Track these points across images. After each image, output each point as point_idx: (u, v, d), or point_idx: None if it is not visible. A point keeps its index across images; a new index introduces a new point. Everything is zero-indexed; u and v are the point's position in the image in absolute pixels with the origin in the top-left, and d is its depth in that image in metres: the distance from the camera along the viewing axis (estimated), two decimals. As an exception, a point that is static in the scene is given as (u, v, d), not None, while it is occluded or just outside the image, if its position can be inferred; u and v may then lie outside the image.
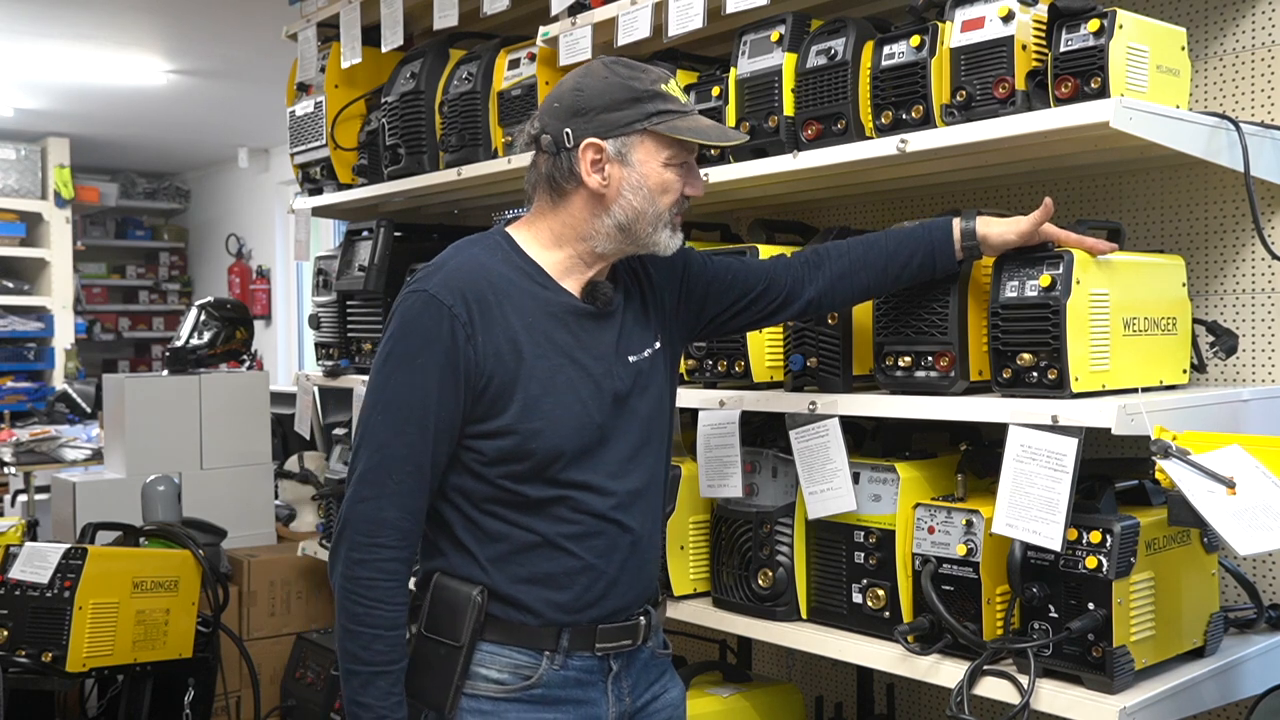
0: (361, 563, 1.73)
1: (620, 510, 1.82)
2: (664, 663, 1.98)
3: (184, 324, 4.69)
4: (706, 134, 1.83)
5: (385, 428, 1.75)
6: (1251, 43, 2.18)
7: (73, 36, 6.17)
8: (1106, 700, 1.76)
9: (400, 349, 1.76)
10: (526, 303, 1.79)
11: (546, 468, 1.77)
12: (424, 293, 1.76)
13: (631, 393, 1.85)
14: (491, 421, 1.75)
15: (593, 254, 1.84)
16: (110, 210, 10.40)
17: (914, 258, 1.99)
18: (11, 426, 6.58)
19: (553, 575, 1.79)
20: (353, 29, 3.37)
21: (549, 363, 1.78)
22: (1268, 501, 1.59)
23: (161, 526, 3.30)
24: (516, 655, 1.79)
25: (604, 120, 1.77)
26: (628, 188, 1.79)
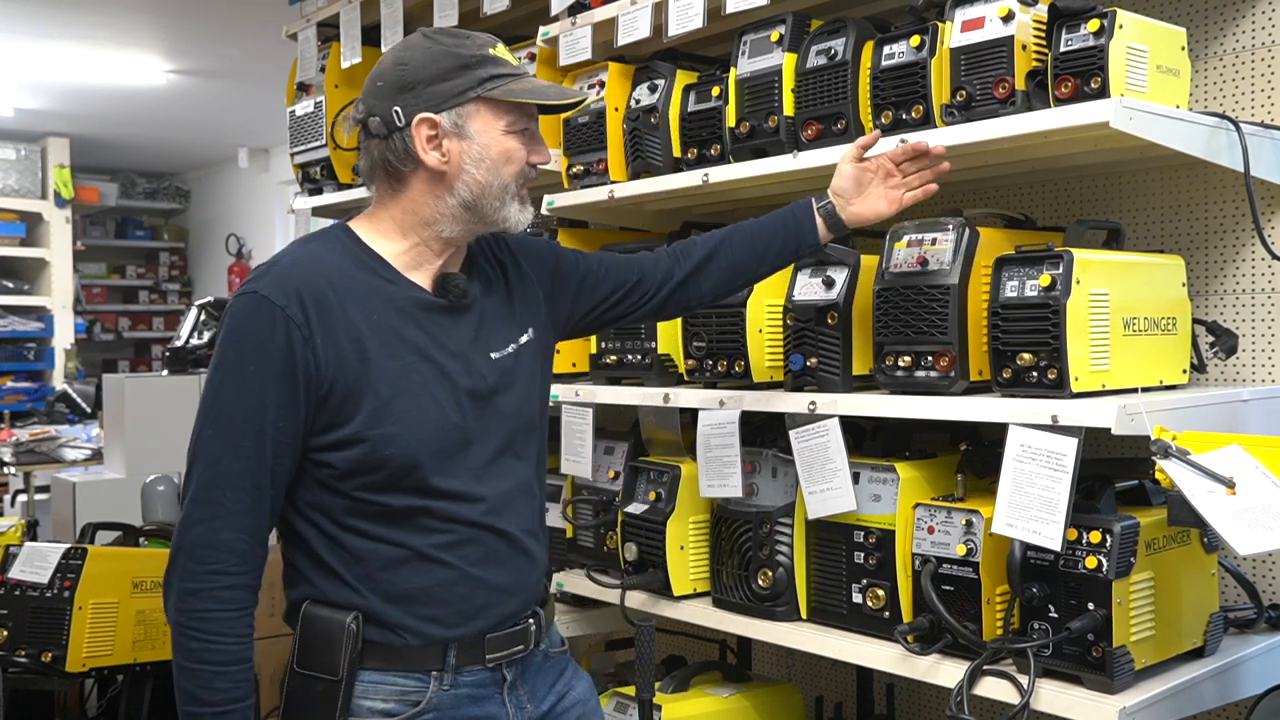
0: (196, 593, 1.58)
1: (493, 515, 1.71)
2: (562, 661, 1.88)
3: (184, 324, 4.69)
4: (545, 94, 1.73)
5: (217, 442, 1.60)
6: (1251, 43, 2.19)
7: (73, 36, 6.17)
8: (1106, 700, 1.76)
9: (230, 357, 1.62)
10: (371, 298, 1.67)
11: (405, 476, 1.64)
12: (254, 294, 1.62)
13: (496, 390, 1.74)
14: (339, 430, 1.62)
15: (440, 240, 1.73)
16: (110, 210, 10.40)
17: (777, 232, 2.01)
18: (11, 426, 6.58)
19: (427, 590, 1.67)
20: (353, 29, 3.37)
21: (400, 362, 1.65)
22: (1268, 501, 1.59)
23: (161, 526, 3.30)
24: (401, 680, 1.67)
25: (434, 92, 1.66)
26: (469, 161, 1.68)
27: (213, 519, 1.60)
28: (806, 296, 2.19)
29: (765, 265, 2.05)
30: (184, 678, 1.60)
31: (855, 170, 1.99)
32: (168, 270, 10.85)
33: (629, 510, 2.46)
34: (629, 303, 2.01)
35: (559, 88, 1.80)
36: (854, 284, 2.14)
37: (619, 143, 2.63)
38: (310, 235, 1.77)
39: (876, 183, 2.01)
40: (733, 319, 2.29)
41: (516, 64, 1.74)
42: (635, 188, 2.57)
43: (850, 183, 2.00)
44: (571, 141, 2.72)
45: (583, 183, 2.70)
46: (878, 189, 2.01)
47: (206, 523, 1.60)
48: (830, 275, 2.17)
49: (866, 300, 2.12)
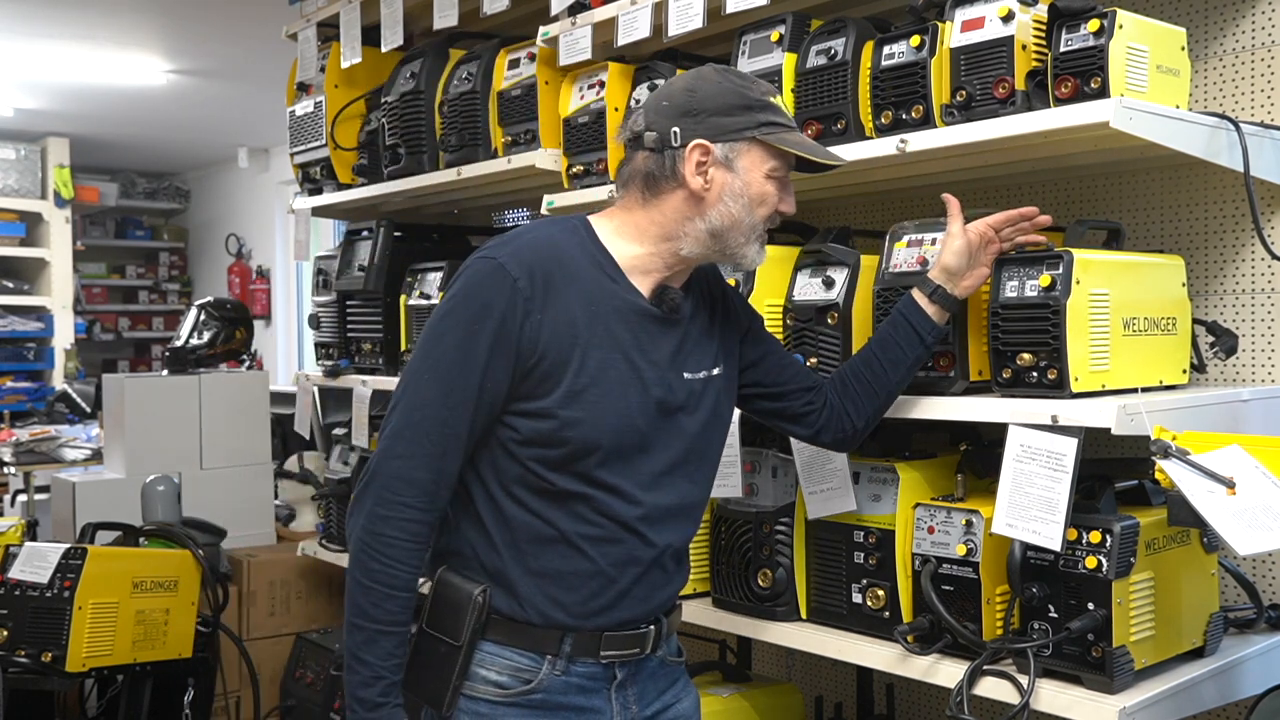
0: (386, 519, 1.69)
1: (645, 523, 1.78)
2: (675, 671, 1.93)
3: (184, 324, 4.69)
4: (814, 151, 1.82)
5: (430, 387, 1.71)
6: (1251, 43, 2.19)
7: (73, 36, 6.17)
8: (1106, 700, 1.76)
9: (460, 311, 1.72)
10: (593, 291, 1.76)
11: (578, 460, 1.73)
12: (493, 260, 1.73)
13: (683, 408, 1.82)
14: (534, 401, 1.72)
15: (675, 255, 1.80)
16: (110, 210, 10.40)
17: (896, 336, 1.97)
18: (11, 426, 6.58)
19: (563, 574, 1.75)
20: (353, 29, 3.37)
21: (603, 355, 1.74)
22: (1267, 501, 1.59)
23: (161, 526, 3.30)
24: (517, 657, 1.76)
25: (715, 124, 1.75)
26: (728, 194, 1.76)
27: (411, 456, 1.70)
28: (806, 296, 2.19)
29: (902, 374, 2.01)
30: (360, 594, 1.70)
31: (964, 247, 1.95)
32: (168, 270, 10.85)
33: (629, 510, 2.46)
34: (792, 401, 2.01)
35: (823, 148, 1.88)
36: (854, 284, 2.14)
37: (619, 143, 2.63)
38: (552, 219, 1.88)
39: (977, 250, 1.98)
40: (733, 319, 2.28)
41: (790, 116, 1.83)
42: (635, 188, 2.56)
43: (963, 260, 1.96)
44: (571, 141, 2.72)
45: (583, 183, 2.70)
46: (979, 256, 1.98)
47: (405, 459, 1.70)
48: (830, 275, 2.17)
49: (866, 300, 2.12)
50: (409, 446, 1.70)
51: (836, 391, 2.02)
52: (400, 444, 1.71)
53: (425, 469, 1.70)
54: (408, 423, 1.71)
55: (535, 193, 2.87)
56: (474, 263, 1.76)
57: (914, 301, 1.97)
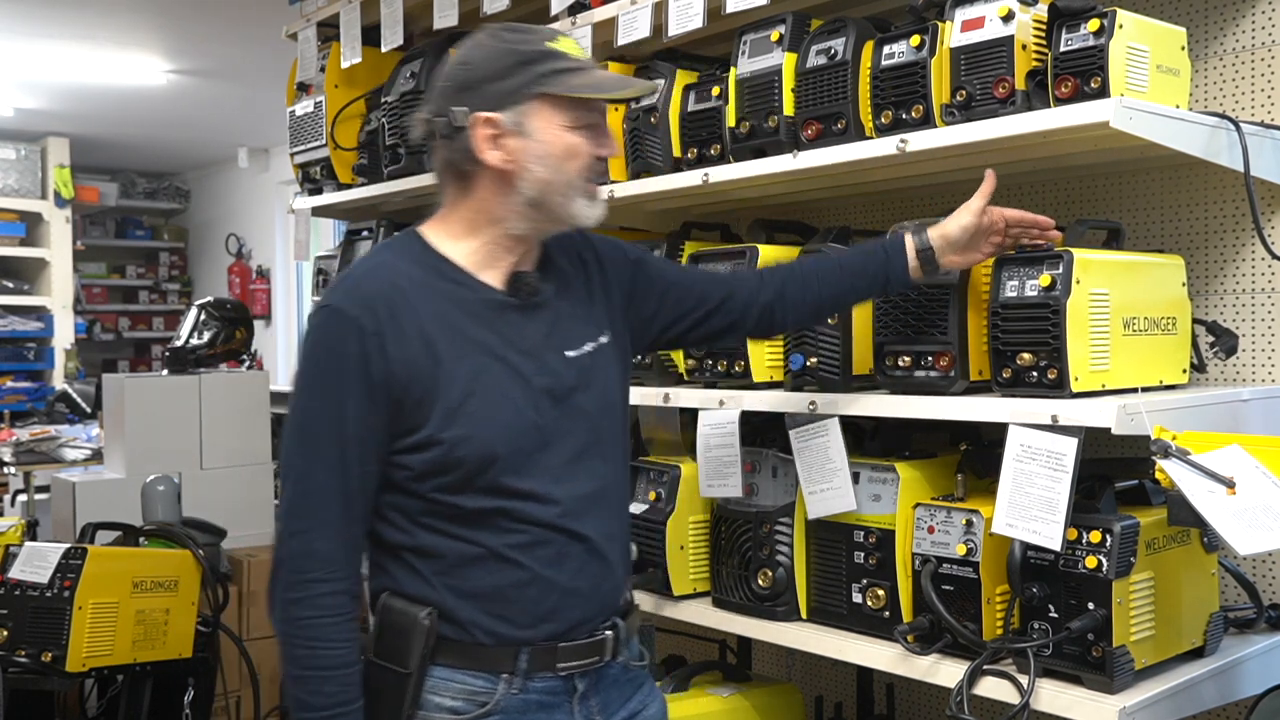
0: (298, 602, 1.62)
1: (569, 518, 1.70)
2: (640, 676, 1.86)
3: (184, 324, 4.68)
4: (604, 86, 1.70)
5: (303, 456, 1.65)
6: (1251, 43, 2.18)
7: (73, 36, 6.17)
8: (1106, 700, 1.76)
9: (313, 370, 1.66)
10: (440, 302, 1.68)
11: (479, 476, 1.65)
12: (330, 307, 1.66)
13: (575, 389, 1.73)
14: (416, 434, 1.64)
15: (510, 238, 1.72)
16: (110, 210, 10.40)
17: (867, 269, 1.94)
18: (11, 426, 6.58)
19: (500, 589, 1.67)
20: (353, 29, 3.37)
21: (471, 363, 1.66)
22: (1268, 501, 1.59)
23: (161, 526, 3.30)
24: (471, 680, 1.67)
25: (493, 91, 1.65)
26: (531, 159, 1.66)
27: (306, 530, 1.64)
28: (806, 296, 2.19)
29: (851, 299, 2.02)
30: (295, 685, 1.64)
31: (973, 226, 1.92)
32: (168, 270, 10.85)
33: (629, 510, 2.46)
34: (716, 320, 1.96)
35: (621, 79, 1.78)
36: (854, 284, 2.14)
37: (619, 142, 2.63)
38: (383, 244, 1.81)
39: (982, 234, 1.95)
40: (733, 319, 2.28)
41: (580, 56, 1.71)
42: (635, 187, 2.57)
43: (964, 238, 1.93)
44: (571, 141, 2.72)
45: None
46: (980, 240, 1.96)
47: (301, 535, 1.64)
48: (830, 275, 2.17)
49: (866, 300, 2.12)
50: (302, 521, 1.64)
51: (773, 290, 1.96)
52: (294, 521, 1.65)
53: (324, 538, 1.63)
54: (293, 498, 1.65)
55: (535, 193, 2.87)
56: (313, 317, 1.69)
57: (901, 250, 1.93)
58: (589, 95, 1.69)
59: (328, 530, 1.64)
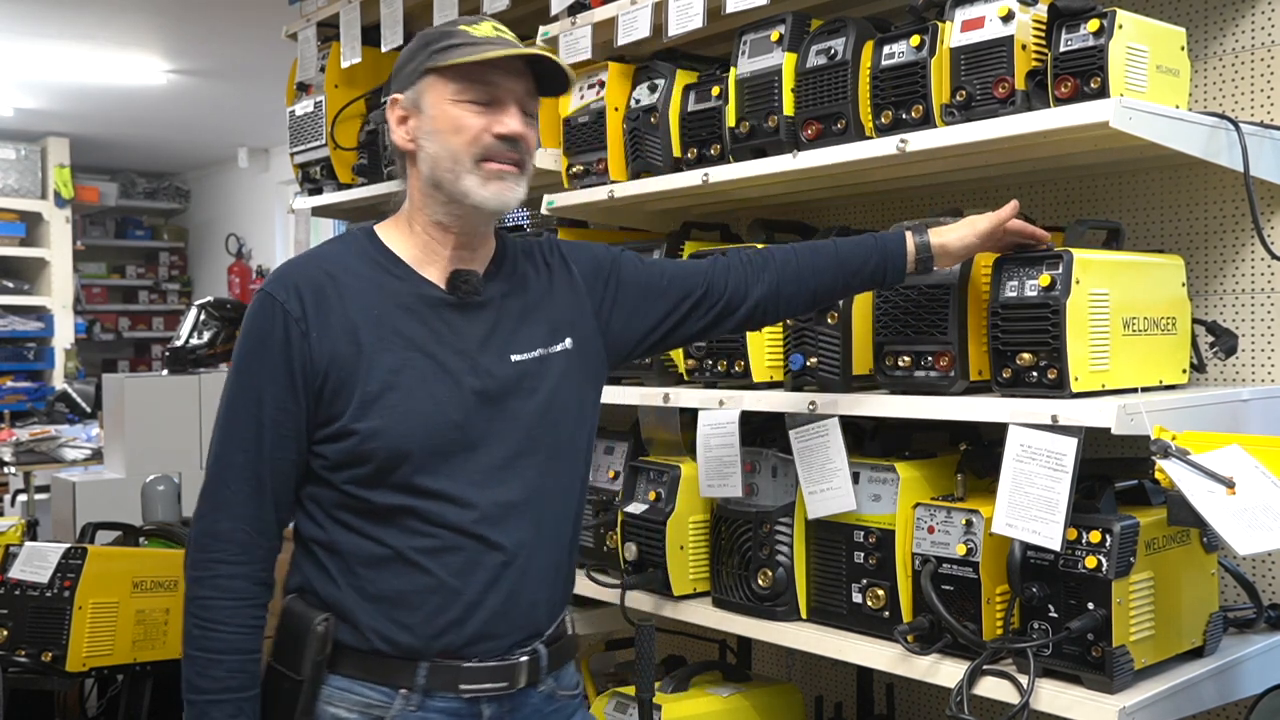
0: (198, 581, 1.62)
1: (484, 524, 1.63)
2: (568, 706, 1.77)
3: (184, 324, 4.70)
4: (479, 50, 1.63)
5: (221, 437, 1.65)
6: (1251, 43, 2.18)
7: (73, 36, 6.17)
8: (1106, 700, 1.76)
9: (239, 354, 1.67)
10: (372, 293, 1.66)
11: (392, 471, 1.61)
12: (261, 293, 1.68)
13: (509, 393, 1.68)
14: (333, 424, 1.62)
15: (435, 226, 1.70)
16: (110, 210, 10.41)
17: (865, 266, 1.92)
18: (11, 426, 6.58)
19: (403, 594, 1.62)
20: (352, 29, 3.37)
21: (393, 356, 1.63)
22: (1267, 501, 1.59)
23: (161, 526, 3.30)
24: (367, 691, 1.62)
25: (401, 74, 1.71)
26: (424, 136, 1.67)
27: (214, 510, 1.64)
28: (806, 296, 2.19)
29: (846, 294, 2.01)
30: (186, 665, 1.64)
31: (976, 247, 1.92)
32: (167, 270, 10.86)
33: (629, 510, 2.46)
34: (698, 318, 1.91)
35: (503, 40, 1.68)
36: (854, 284, 2.14)
37: (619, 142, 2.63)
38: (335, 236, 1.82)
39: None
40: (733, 319, 2.28)
41: (484, 34, 1.67)
42: (635, 187, 2.57)
43: (966, 253, 1.93)
44: (571, 141, 2.72)
45: (582, 182, 2.70)
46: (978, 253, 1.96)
47: (209, 515, 1.64)
48: (830, 275, 2.17)
49: (866, 300, 2.12)
50: (209, 502, 1.64)
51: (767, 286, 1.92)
52: (203, 501, 1.65)
53: (226, 519, 1.62)
54: (209, 478, 1.65)
55: (535, 192, 2.87)
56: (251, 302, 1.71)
57: (900, 251, 1.92)
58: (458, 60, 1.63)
59: (234, 511, 1.63)
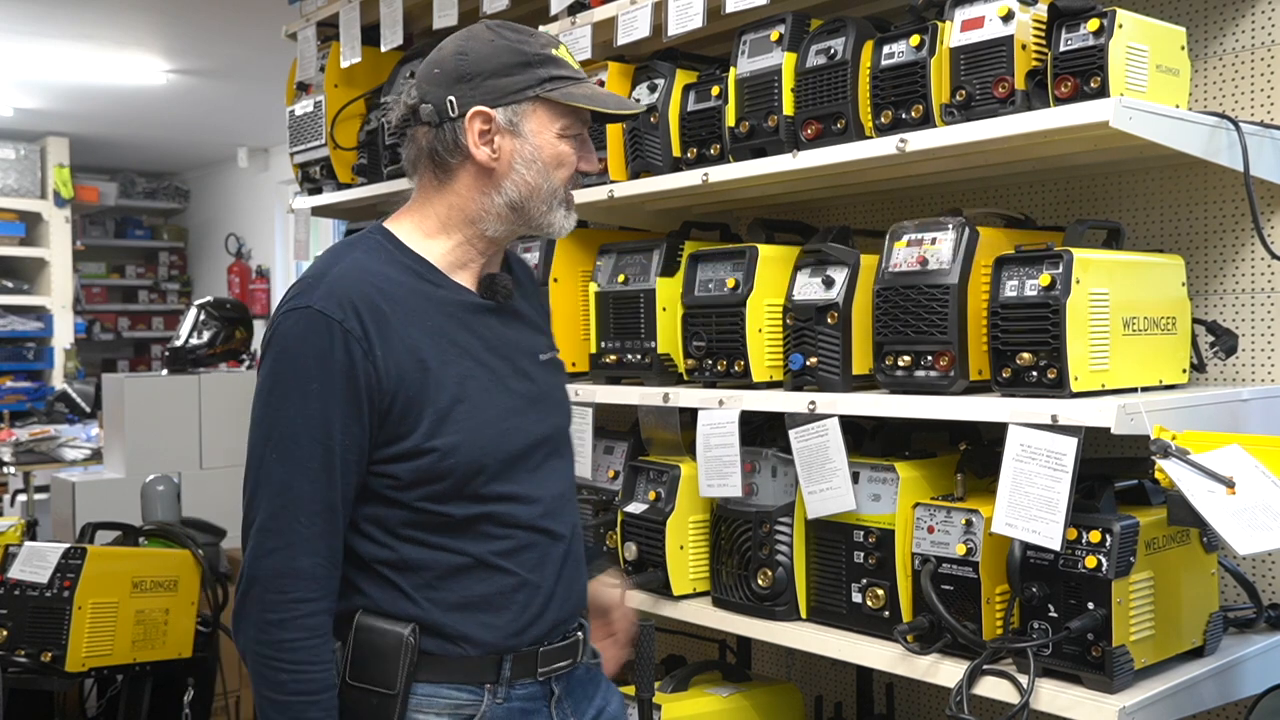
0: (280, 624, 1.54)
1: (548, 518, 1.70)
2: (598, 674, 1.87)
3: (183, 324, 4.69)
4: (605, 102, 1.69)
5: (283, 466, 1.55)
6: (1251, 43, 2.18)
7: (73, 36, 6.17)
8: (1106, 700, 1.76)
9: (289, 375, 1.56)
10: (422, 304, 1.63)
11: (469, 482, 1.61)
12: (308, 309, 1.57)
13: (544, 393, 1.74)
14: (403, 443, 1.59)
15: (483, 239, 1.69)
16: (110, 210, 10.41)
17: None
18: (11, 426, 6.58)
19: (488, 597, 1.64)
20: (352, 28, 3.37)
21: (457, 369, 1.62)
22: (1267, 501, 1.59)
23: (161, 526, 3.30)
24: (456, 694, 1.63)
25: (492, 86, 1.63)
26: (520, 161, 1.65)
27: (288, 546, 1.55)
28: (806, 296, 2.19)
29: None
30: (275, 711, 1.56)
31: None
32: (167, 270, 10.86)
33: (629, 510, 2.46)
34: None
35: (618, 97, 1.77)
36: (854, 283, 2.14)
37: (619, 142, 2.63)
38: (349, 242, 1.71)
39: None
40: (732, 318, 2.28)
41: (577, 67, 1.71)
42: (635, 187, 2.57)
43: None
44: (571, 141, 2.72)
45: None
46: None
47: (281, 551, 1.55)
48: (830, 274, 2.17)
49: (866, 300, 2.12)
50: (280, 538, 1.55)
51: None
52: (270, 538, 1.55)
53: (307, 555, 1.55)
54: (271, 512, 1.55)
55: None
56: (286, 317, 1.59)
57: None
58: (589, 107, 1.68)
59: (311, 546, 1.56)
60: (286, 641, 1.55)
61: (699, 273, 2.37)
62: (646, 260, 2.52)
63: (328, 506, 1.57)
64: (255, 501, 1.58)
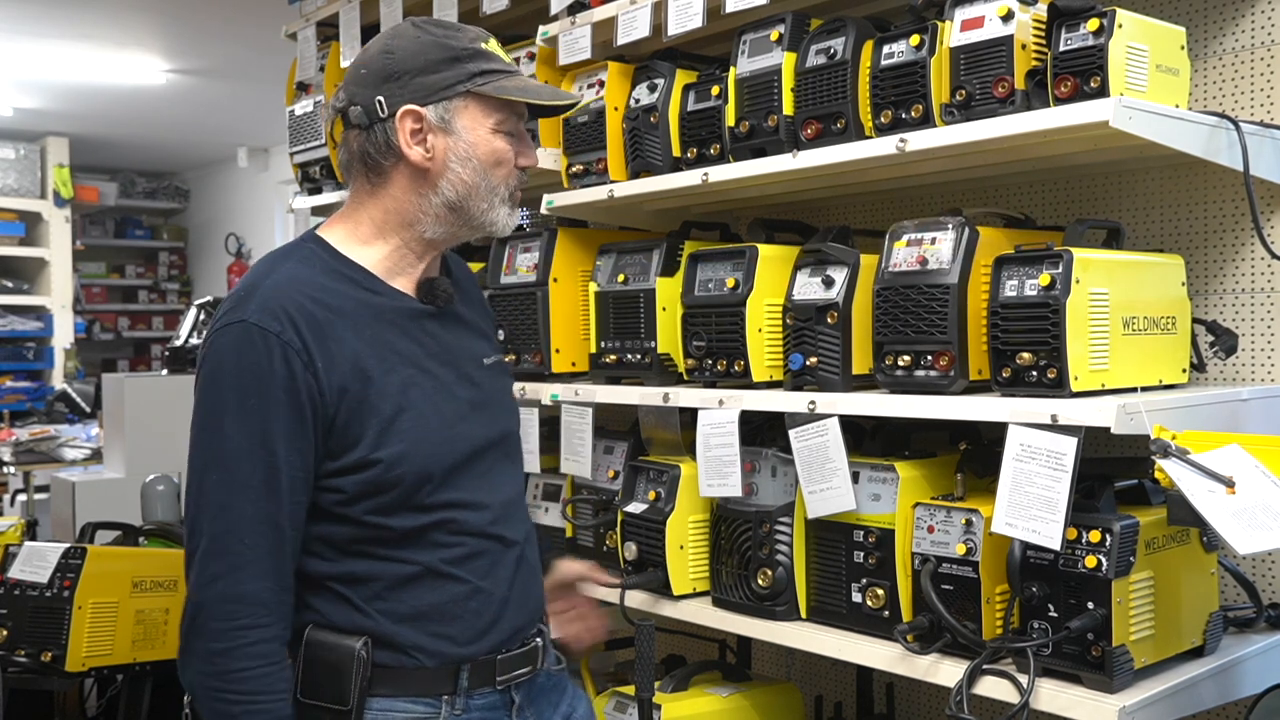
0: (227, 653, 1.48)
1: (499, 524, 1.67)
2: (562, 680, 1.85)
3: (183, 323, 4.69)
4: (538, 94, 1.67)
5: (224, 488, 1.49)
6: (1251, 42, 2.18)
7: (72, 36, 6.17)
8: (1106, 699, 1.76)
9: (226, 392, 1.51)
10: (361, 313, 1.59)
11: (416, 492, 1.58)
12: (243, 323, 1.52)
13: (490, 397, 1.71)
14: (348, 455, 1.55)
15: (422, 241, 1.66)
16: (109, 210, 10.41)
17: None
18: (11, 426, 6.58)
19: (440, 606, 1.60)
20: (352, 28, 3.37)
21: (399, 377, 1.59)
22: (1267, 501, 1.59)
23: (161, 526, 3.30)
24: (412, 707, 1.59)
25: (421, 84, 1.59)
26: (455, 159, 1.61)
27: (233, 570, 1.49)
28: (806, 295, 2.19)
29: None
30: None
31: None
32: (167, 270, 10.86)
33: (629, 510, 2.46)
34: None
35: (552, 89, 1.74)
36: (854, 283, 2.14)
37: (618, 142, 2.63)
38: (281, 252, 1.67)
39: None
40: (732, 318, 2.28)
41: (509, 61, 1.68)
42: (635, 187, 2.57)
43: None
44: (571, 141, 2.72)
45: (582, 182, 2.70)
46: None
47: (226, 576, 1.49)
48: (830, 274, 2.17)
49: (866, 299, 2.12)
50: (223, 561, 1.48)
51: None
52: (214, 563, 1.49)
53: (253, 579, 1.49)
54: (213, 535, 1.49)
55: (534, 192, 2.87)
56: (219, 334, 1.54)
57: None
58: (521, 99, 1.64)
59: (257, 569, 1.49)
60: (234, 672, 1.49)
61: (699, 273, 2.37)
62: (646, 260, 2.52)
63: (274, 527, 1.51)
64: (197, 527, 1.52)
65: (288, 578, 1.54)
